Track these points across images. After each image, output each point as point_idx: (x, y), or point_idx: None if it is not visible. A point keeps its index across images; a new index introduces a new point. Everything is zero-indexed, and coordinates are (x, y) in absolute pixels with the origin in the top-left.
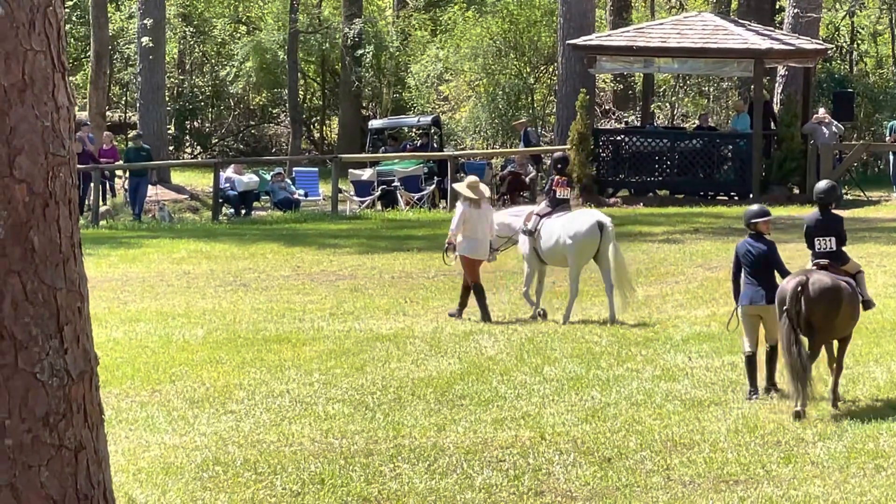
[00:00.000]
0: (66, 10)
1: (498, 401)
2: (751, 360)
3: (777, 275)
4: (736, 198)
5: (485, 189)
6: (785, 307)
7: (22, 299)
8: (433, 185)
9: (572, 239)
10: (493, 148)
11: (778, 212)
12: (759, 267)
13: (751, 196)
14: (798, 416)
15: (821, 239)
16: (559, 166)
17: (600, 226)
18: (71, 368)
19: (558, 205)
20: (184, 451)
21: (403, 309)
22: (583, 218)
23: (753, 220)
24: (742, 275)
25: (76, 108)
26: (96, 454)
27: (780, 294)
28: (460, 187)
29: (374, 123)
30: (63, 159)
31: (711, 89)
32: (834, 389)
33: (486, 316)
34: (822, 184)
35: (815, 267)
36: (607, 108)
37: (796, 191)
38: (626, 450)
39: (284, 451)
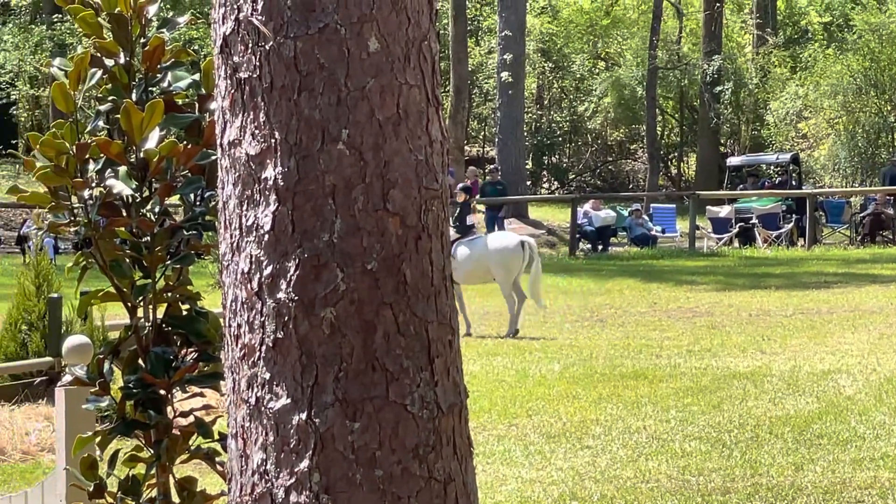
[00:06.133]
0: None
1: (856, 441)
2: None
3: None
4: None
5: None
6: None
7: (394, 331)
8: (791, 223)
9: (500, 254)
10: (852, 186)
11: None
12: None
13: None
14: None
15: None
16: (468, 195)
17: (523, 244)
18: (441, 401)
19: (468, 231)
20: (540, 485)
21: (760, 347)
22: (507, 238)
23: None
24: None
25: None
26: (465, 487)
27: None
28: None
29: (733, 160)
30: (436, 193)
31: None
32: None
33: None
34: None
35: None
36: None
37: None
38: None
39: (641, 488)
